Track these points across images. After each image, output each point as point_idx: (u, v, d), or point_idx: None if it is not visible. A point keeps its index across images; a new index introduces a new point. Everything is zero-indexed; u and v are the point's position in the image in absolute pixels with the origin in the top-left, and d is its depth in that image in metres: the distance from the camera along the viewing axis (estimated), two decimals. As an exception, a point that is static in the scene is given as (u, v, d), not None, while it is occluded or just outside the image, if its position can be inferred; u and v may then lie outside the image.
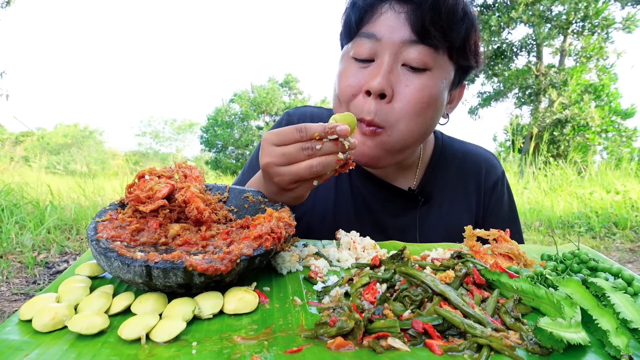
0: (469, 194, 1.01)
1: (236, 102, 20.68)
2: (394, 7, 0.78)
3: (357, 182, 0.98)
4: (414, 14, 0.76)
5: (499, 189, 1.04)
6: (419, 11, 0.76)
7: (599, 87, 11.18)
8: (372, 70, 0.79)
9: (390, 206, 0.97)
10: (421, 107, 0.79)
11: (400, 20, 0.77)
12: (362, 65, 0.81)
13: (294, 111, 1.08)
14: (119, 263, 0.53)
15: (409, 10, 0.77)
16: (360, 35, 0.81)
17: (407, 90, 0.78)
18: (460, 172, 1.02)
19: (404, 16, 0.77)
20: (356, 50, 0.81)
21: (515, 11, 10.77)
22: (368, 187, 0.98)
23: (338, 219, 0.97)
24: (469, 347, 0.45)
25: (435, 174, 1.00)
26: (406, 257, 0.61)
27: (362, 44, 0.80)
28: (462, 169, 1.02)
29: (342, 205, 0.98)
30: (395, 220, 0.97)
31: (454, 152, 1.03)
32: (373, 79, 0.77)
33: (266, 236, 0.60)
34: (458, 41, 0.80)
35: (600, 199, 4.59)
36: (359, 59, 0.81)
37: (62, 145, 21.90)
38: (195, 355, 0.44)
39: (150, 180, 0.69)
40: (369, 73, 0.79)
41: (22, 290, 2.42)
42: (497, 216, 1.04)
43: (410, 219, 0.97)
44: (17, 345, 0.45)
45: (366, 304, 0.53)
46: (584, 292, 0.54)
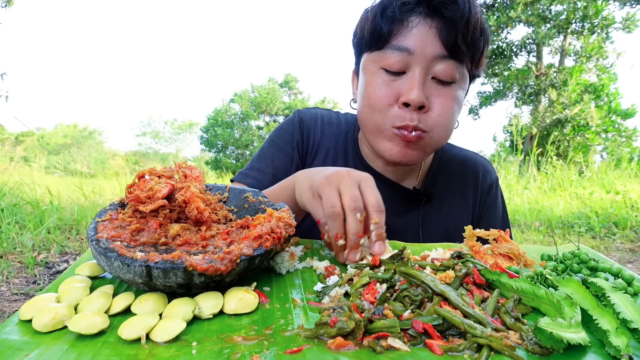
0: (467, 195, 1.07)
1: (236, 102, 20.68)
2: (425, 21, 0.82)
3: None
4: (445, 30, 0.80)
5: (493, 192, 1.10)
6: (450, 28, 0.80)
7: (598, 87, 11.17)
8: (406, 83, 0.83)
9: (395, 205, 1.00)
10: (451, 115, 0.87)
11: (432, 35, 0.81)
12: (393, 76, 0.84)
13: (305, 111, 1.10)
14: (119, 263, 0.53)
15: (440, 26, 0.81)
16: (392, 47, 0.83)
17: (439, 102, 0.84)
18: (459, 175, 1.07)
19: (435, 31, 0.81)
20: (387, 62, 0.84)
21: (514, 11, 10.77)
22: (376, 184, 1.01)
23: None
24: (469, 347, 0.45)
25: (437, 176, 1.05)
26: (406, 257, 0.61)
27: (394, 56, 0.83)
28: (460, 173, 1.07)
29: None
30: (398, 220, 1.00)
31: (453, 157, 1.09)
32: (410, 91, 0.81)
33: (266, 236, 0.60)
34: (477, 55, 0.86)
35: (600, 199, 4.59)
36: (389, 71, 0.84)
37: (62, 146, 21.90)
38: (195, 355, 0.44)
39: (150, 180, 0.69)
40: (402, 85, 0.84)
41: (22, 290, 2.42)
42: (491, 217, 1.09)
43: (412, 218, 1.01)
44: (17, 345, 0.45)
45: (366, 304, 0.53)
46: (584, 292, 0.54)
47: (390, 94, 0.84)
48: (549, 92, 11.22)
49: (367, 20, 0.87)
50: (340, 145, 1.05)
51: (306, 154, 1.07)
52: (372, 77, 0.87)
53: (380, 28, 0.83)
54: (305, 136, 1.06)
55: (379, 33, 0.84)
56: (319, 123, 1.08)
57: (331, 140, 1.06)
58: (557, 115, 11.02)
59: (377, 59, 0.86)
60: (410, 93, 0.81)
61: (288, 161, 1.05)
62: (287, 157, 1.05)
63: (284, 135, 1.07)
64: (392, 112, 0.85)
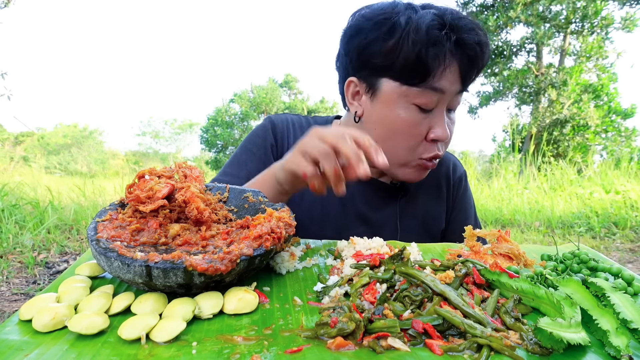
0: (440, 189, 1.13)
1: (236, 102, 20.68)
2: (456, 59, 0.84)
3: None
4: (468, 69, 0.86)
5: (463, 184, 1.17)
6: (472, 67, 0.86)
7: (598, 87, 11.17)
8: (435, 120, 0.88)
9: (373, 200, 1.05)
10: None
11: (457, 75, 0.86)
12: (425, 114, 0.88)
13: (276, 117, 1.13)
14: (119, 263, 0.53)
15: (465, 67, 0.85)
16: (429, 87, 0.84)
17: (450, 129, 0.92)
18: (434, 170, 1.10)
19: (460, 71, 0.86)
20: (423, 100, 0.86)
21: (513, 11, 10.77)
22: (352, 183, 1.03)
23: (326, 214, 1.03)
24: (469, 347, 0.45)
25: None
26: (406, 257, 0.61)
27: (430, 96, 0.85)
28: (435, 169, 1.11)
29: (330, 201, 1.04)
30: (376, 213, 1.05)
31: None
32: (440, 130, 0.88)
33: (266, 236, 0.60)
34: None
35: (600, 199, 4.59)
36: (422, 108, 0.87)
37: (62, 146, 21.89)
38: (195, 355, 0.44)
39: (150, 180, 0.69)
40: (430, 122, 0.89)
41: (22, 290, 2.42)
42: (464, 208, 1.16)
43: (391, 212, 1.06)
44: (17, 345, 0.46)
45: (366, 304, 0.53)
46: (584, 292, 0.54)
47: (423, 132, 0.89)
48: (548, 92, 11.22)
49: (404, 49, 0.82)
50: None
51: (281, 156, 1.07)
52: (404, 113, 0.87)
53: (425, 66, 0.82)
54: (279, 139, 1.08)
55: (421, 71, 0.83)
56: (291, 127, 1.09)
57: None
58: (556, 115, 11.02)
59: (410, 95, 0.85)
60: (441, 131, 0.88)
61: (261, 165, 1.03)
62: (259, 161, 1.05)
63: (256, 140, 1.08)
64: (421, 147, 0.91)
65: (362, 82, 0.92)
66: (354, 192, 1.04)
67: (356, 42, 0.89)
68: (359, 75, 0.92)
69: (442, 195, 1.13)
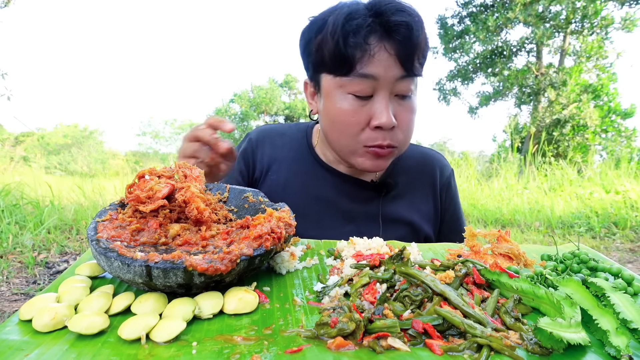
0: (426, 187, 1.14)
1: (236, 102, 20.68)
2: (385, 47, 0.86)
3: (325, 178, 1.09)
4: (403, 54, 0.86)
5: (452, 184, 1.18)
6: (407, 51, 0.86)
7: (598, 87, 11.16)
8: (376, 108, 0.89)
9: (356, 197, 1.08)
10: (413, 126, 0.97)
11: (392, 60, 0.87)
12: (362, 101, 0.89)
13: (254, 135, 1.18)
14: (119, 263, 0.53)
15: (398, 50, 0.86)
16: (358, 75, 0.87)
17: (403, 116, 0.92)
18: (418, 169, 1.14)
19: (395, 57, 0.87)
20: (355, 88, 0.88)
21: (512, 11, 10.76)
22: (336, 181, 1.09)
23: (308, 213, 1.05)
24: (469, 347, 0.45)
25: (396, 170, 1.12)
26: (406, 257, 0.61)
27: (362, 83, 0.87)
28: (419, 167, 1.15)
29: (312, 200, 1.07)
30: (360, 209, 1.07)
31: (411, 153, 1.16)
32: (381, 116, 0.88)
33: (266, 236, 0.60)
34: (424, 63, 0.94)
35: (600, 199, 4.59)
36: (358, 96, 0.89)
37: (62, 146, 21.87)
38: (195, 355, 0.44)
39: (150, 180, 0.69)
40: (371, 109, 0.89)
41: (22, 290, 2.42)
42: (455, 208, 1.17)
43: (373, 207, 1.08)
44: (17, 345, 0.46)
45: (366, 304, 0.53)
46: (584, 292, 0.54)
47: (362, 119, 0.90)
48: (548, 92, 11.21)
49: (325, 44, 0.88)
50: (293, 152, 1.12)
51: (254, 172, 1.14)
52: (340, 103, 0.90)
53: (345, 56, 0.86)
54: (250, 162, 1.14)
55: (344, 60, 0.86)
56: (268, 141, 1.15)
57: (284, 150, 1.13)
58: (556, 115, 11.01)
59: (343, 85, 0.89)
60: (382, 118, 0.88)
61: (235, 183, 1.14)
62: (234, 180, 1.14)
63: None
64: (364, 134, 0.91)
65: (312, 82, 0.99)
66: (337, 191, 1.07)
67: (301, 45, 0.97)
68: (309, 76, 1.00)
69: (430, 196, 1.13)
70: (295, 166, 1.10)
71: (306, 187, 1.07)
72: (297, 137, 1.15)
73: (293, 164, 1.10)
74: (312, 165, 1.09)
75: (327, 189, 1.07)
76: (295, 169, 1.10)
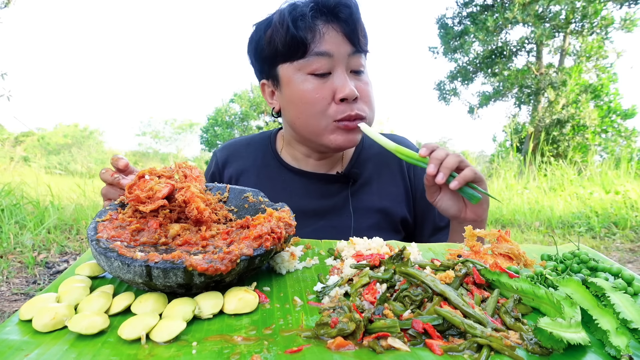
0: (393, 171, 1.16)
1: (236, 102, 20.67)
2: (331, 26, 0.94)
3: (293, 180, 1.12)
4: (349, 31, 0.94)
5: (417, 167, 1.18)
6: (352, 28, 0.94)
7: (598, 87, 11.15)
8: (336, 82, 0.94)
9: (325, 193, 1.11)
10: (373, 97, 1.02)
11: (340, 38, 0.94)
12: (322, 79, 0.95)
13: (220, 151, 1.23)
14: (119, 263, 0.53)
15: (343, 28, 0.94)
16: (314, 54, 0.93)
17: (362, 89, 0.98)
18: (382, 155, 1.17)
19: (342, 34, 0.94)
20: (313, 67, 0.94)
21: (510, 12, 10.75)
22: (303, 181, 1.12)
23: None
24: (469, 347, 0.45)
25: (360, 159, 1.15)
26: (406, 257, 0.61)
27: (318, 61, 0.93)
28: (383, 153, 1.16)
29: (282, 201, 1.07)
30: (330, 204, 1.10)
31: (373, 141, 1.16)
32: (344, 88, 0.93)
33: (266, 236, 0.60)
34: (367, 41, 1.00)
35: (600, 199, 4.59)
36: (318, 74, 0.94)
37: (62, 145, 21.87)
38: (195, 355, 0.44)
39: (150, 180, 0.69)
40: (332, 84, 0.95)
41: (22, 290, 2.42)
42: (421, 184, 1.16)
43: (342, 198, 1.10)
44: (17, 345, 0.46)
45: (366, 304, 0.53)
46: (584, 292, 0.54)
47: (327, 94, 0.95)
48: (547, 92, 11.21)
49: (276, 34, 0.94)
50: (259, 160, 1.16)
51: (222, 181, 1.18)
52: (302, 84, 0.95)
53: (298, 38, 0.92)
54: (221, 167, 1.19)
55: (297, 43, 0.92)
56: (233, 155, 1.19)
57: (249, 160, 1.17)
58: (556, 115, 11.01)
59: (301, 67, 0.95)
60: (345, 89, 0.93)
61: None
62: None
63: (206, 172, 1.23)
64: (331, 109, 0.95)
65: (269, 80, 1.04)
66: (305, 191, 1.10)
67: (251, 49, 1.03)
68: (265, 75, 1.04)
69: (398, 177, 1.15)
70: (262, 172, 1.14)
71: (275, 191, 1.10)
72: (261, 145, 1.19)
73: (260, 171, 1.15)
74: (279, 170, 1.13)
75: (295, 190, 1.11)
76: (263, 176, 1.14)
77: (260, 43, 0.99)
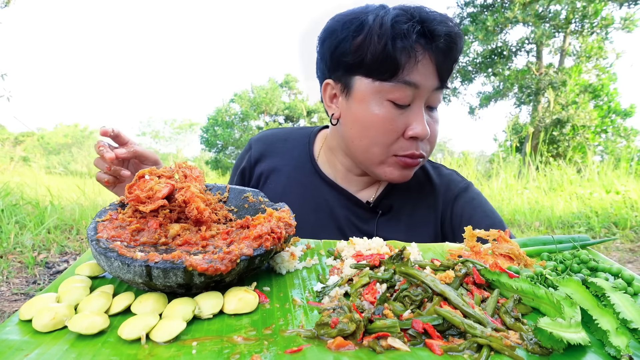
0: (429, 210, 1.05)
1: (236, 102, 20.67)
2: (427, 53, 0.84)
3: (323, 190, 1.06)
4: (443, 65, 0.85)
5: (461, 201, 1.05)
6: (445, 61, 0.85)
7: (598, 87, 11.15)
8: (412, 117, 0.87)
9: (352, 215, 1.04)
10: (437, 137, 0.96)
11: (432, 70, 0.85)
12: (400, 110, 0.87)
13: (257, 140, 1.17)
14: (119, 263, 0.53)
15: (439, 60, 0.85)
16: (401, 81, 0.84)
17: (432, 128, 0.91)
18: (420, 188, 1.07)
19: (434, 66, 0.85)
20: (397, 95, 0.85)
21: (510, 11, 10.76)
22: (333, 195, 1.05)
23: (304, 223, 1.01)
24: (469, 347, 0.45)
25: (397, 190, 1.06)
26: (406, 257, 0.61)
27: (403, 90, 0.85)
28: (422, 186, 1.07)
29: (309, 211, 1.04)
30: (356, 227, 1.03)
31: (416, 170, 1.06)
32: (419, 127, 0.87)
33: (266, 236, 0.60)
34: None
35: (600, 199, 4.59)
36: (397, 104, 0.86)
37: (62, 145, 21.88)
38: (195, 355, 0.44)
39: (150, 180, 0.69)
40: (407, 118, 0.87)
41: (22, 290, 2.42)
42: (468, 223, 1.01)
43: (370, 228, 1.03)
44: (17, 345, 0.46)
45: (366, 304, 0.53)
46: (584, 292, 0.54)
47: (399, 128, 0.88)
48: (547, 92, 11.21)
49: (369, 44, 0.83)
50: (294, 161, 1.09)
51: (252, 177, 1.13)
52: (378, 109, 0.87)
53: (393, 59, 0.82)
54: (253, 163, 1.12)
55: (391, 64, 0.83)
56: (268, 151, 1.12)
57: (284, 158, 1.10)
58: (556, 115, 11.01)
59: (383, 90, 0.86)
60: (419, 129, 0.86)
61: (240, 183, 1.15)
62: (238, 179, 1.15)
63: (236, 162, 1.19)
64: (397, 144, 0.89)
65: (337, 83, 0.93)
66: (334, 205, 1.03)
67: (328, 43, 0.91)
68: (334, 76, 0.93)
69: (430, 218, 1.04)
70: (294, 174, 1.07)
71: (304, 197, 1.04)
72: (299, 143, 1.12)
73: (293, 172, 1.08)
74: (312, 176, 1.06)
75: (325, 202, 1.04)
76: (294, 177, 1.07)
77: (344, 44, 0.87)
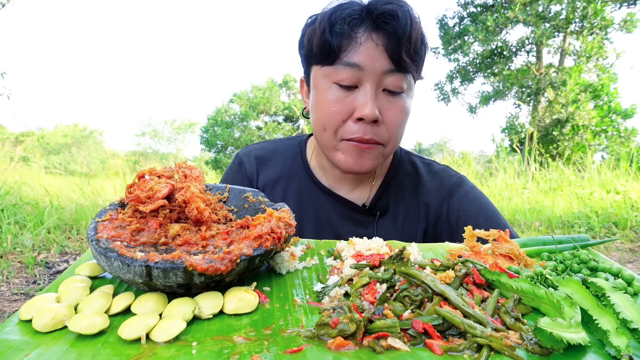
0: (421, 206, 1.06)
1: (236, 102, 20.68)
2: (372, 37, 0.84)
3: (320, 198, 1.06)
4: (391, 46, 0.84)
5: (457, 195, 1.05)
6: (395, 43, 0.83)
7: (598, 87, 11.15)
8: (359, 98, 0.86)
9: (349, 219, 1.04)
10: (402, 127, 0.92)
11: (379, 51, 0.84)
12: (346, 91, 0.87)
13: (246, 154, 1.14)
14: (119, 263, 0.53)
15: (386, 42, 0.84)
16: (343, 63, 0.85)
17: (390, 113, 0.88)
18: (413, 186, 1.07)
19: (382, 48, 0.84)
20: (339, 77, 0.86)
21: (511, 11, 10.76)
22: (329, 201, 1.05)
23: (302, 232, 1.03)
24: (469, 347, 0.45)
25: (390, 189, 1.06)
26: (406, 257, 0.61)
27: (345, 72, 0.86)
28: (415, 184, 1.07)
29: (306, 220, 1.04)
30: (354, 232, 1.03)
31: (408, 168, 1.09)
32: (364, 107, 0.85)
33: (266, 236, 0.60)
34: (420, 64, 0.91)
35: (600, 199, 4.59)
36: (342, 85, 0.87)
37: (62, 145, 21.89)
38: (195, 355, 0.44)
39: (150, 180, 0.69)
40: (354, 100, 0.87)
41: (22, 290, 2.42)
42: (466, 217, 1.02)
43: (369, 231, 1.03)
44: (17, 345, 0.46)
45: (366, 304, 0.53)
46: (584, 292, 0.54)
47: (344, 110, 0.87)
48: (547, 92, 11.21)
49: (314, 34, 0.88)
50: (288, 171, 1.09)
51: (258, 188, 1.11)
52: (325, 92, 0.89)
53: (330, 44, 0.85)
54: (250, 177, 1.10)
55: (329, 48, 0.86)
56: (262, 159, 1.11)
57: (277, 170, 1.10)
58: (556, 115, 11.01)
59: (328, 74, 0.88)
60: (364, 109, 0.85)
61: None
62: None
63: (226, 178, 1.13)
64: (346, 126, 0.88)
65: (305, 78, 0.98)
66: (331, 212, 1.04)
67: (299, 42, 0.96)
68: (305, 73, 0.98)
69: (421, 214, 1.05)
70: (290, 184, 1.08)
71: (301, 206, 1.05)
72: (290, 153, 1.12)
73: (288, 182, 1.08)
74: (307, 184, 1.07)
75: (322, 209, 1.04)
76: (290, 188, 1.07)
77: (302, 39, 0.94)
